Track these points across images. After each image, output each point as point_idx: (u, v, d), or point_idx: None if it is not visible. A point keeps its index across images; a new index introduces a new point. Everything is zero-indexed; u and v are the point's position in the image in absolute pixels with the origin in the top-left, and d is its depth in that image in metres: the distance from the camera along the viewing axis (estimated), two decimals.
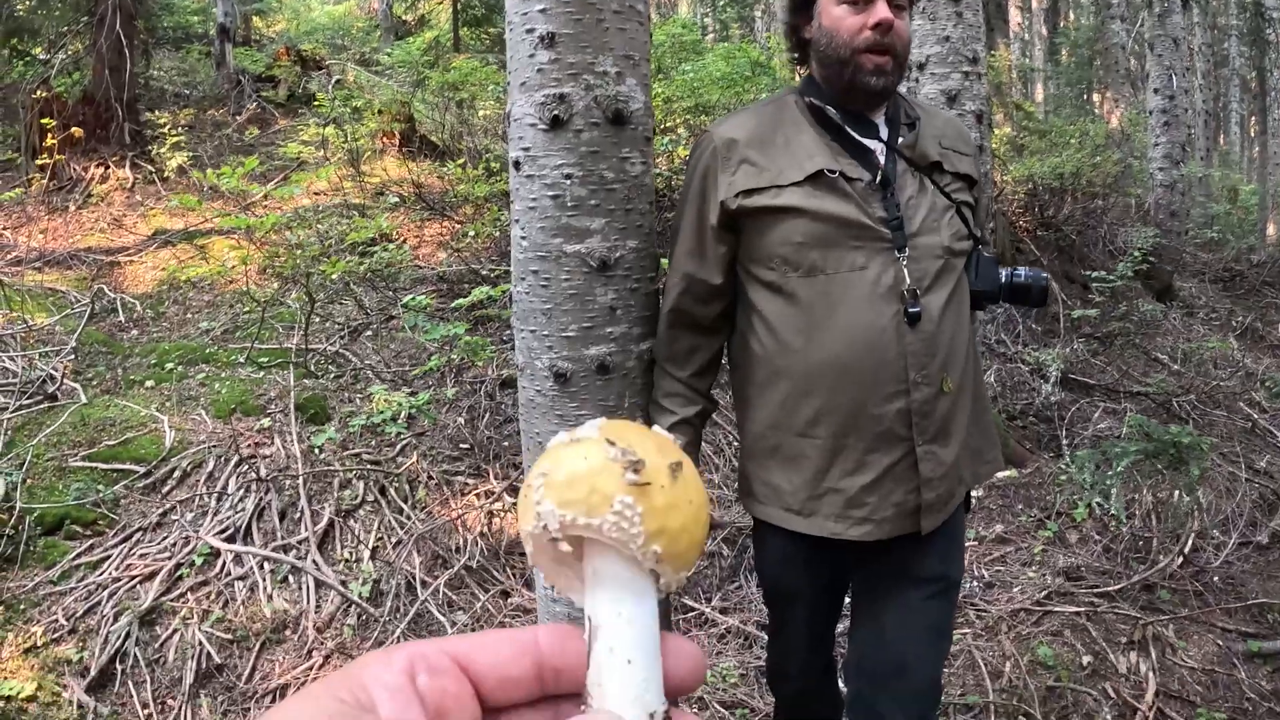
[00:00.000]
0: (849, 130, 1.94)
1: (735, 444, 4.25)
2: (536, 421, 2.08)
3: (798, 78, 2.11)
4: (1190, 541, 3.89)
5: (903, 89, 2.09)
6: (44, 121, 6.73)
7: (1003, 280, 2.10)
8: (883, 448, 1.89)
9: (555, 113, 1.93)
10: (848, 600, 2.33)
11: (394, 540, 3.71)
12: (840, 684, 2.57)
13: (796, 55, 2.10)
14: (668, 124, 6.01)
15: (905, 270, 1.87)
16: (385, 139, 7.35)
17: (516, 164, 2.02)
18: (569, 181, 1.95)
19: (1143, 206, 8.67)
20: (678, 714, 0.46)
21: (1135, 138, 10.72)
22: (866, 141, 1.94)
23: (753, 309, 1.98)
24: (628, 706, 0.44)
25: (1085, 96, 17.20)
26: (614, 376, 2.02)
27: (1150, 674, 3.18)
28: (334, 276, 4.90)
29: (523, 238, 2.01)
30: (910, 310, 1.85)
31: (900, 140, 1.96)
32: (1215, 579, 3.75)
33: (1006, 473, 4.63)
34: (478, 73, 7.08)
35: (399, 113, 7.09)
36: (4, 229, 6.69)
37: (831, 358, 1.87)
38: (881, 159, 1.93)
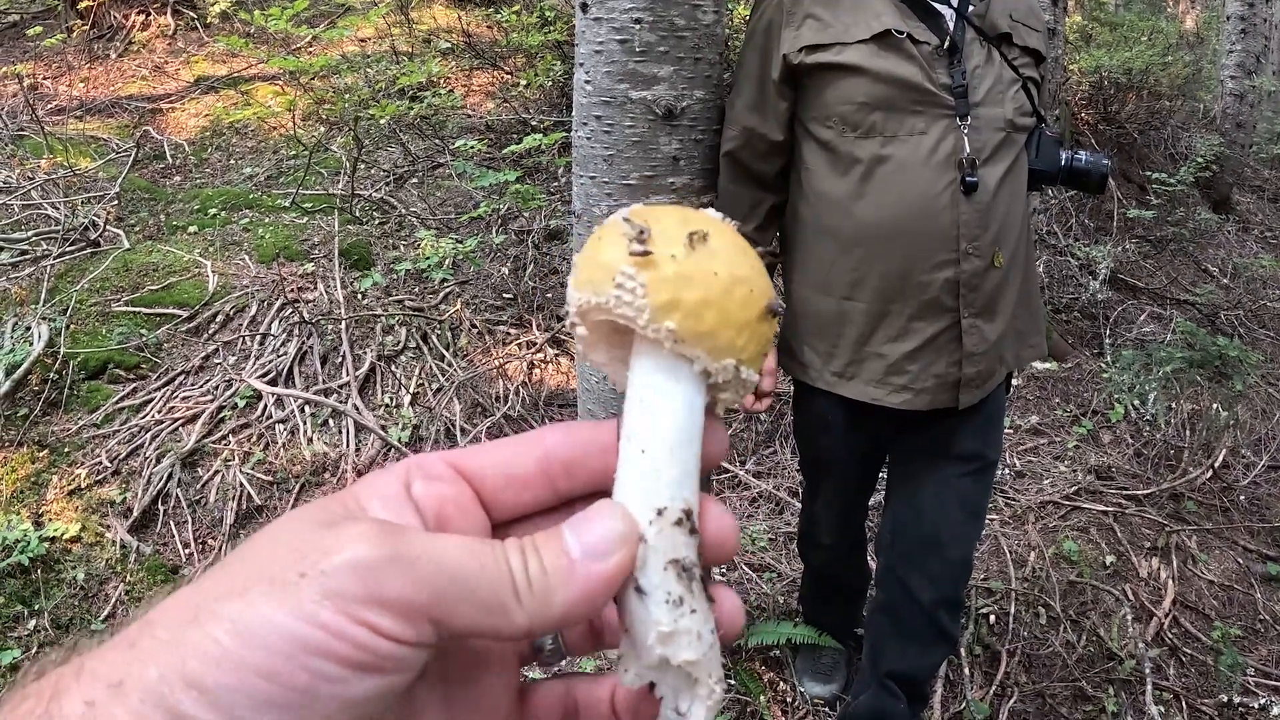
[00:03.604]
0: None
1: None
2: None
3: None
4: (1221, 457, 3.87)
5: None
6: None
7: (1063, 162, 2.04)
8: (928, 316, 1.88)
9: None
10: (882, 475, 2.35)
11: (435, 387, 3.72)
12: (869, 558, 2.61)
13: None
14: None
15: (965, 139, 1.83)
16: None
17: (584, 6, 1.94)
18: (638, 26, 1.88)
19: (1209, 114, 8.34)
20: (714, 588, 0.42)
21: (1208, 42, 10.22)
22: (937, 6, 1.87)
23: (805, 168, 1.94)
24: (634, 497, 0.40)
25: None
26: None
27: (1170, 581, 3.20)
28: (382, 122, 4.82)
29: (587, 82, 1.95)
30: (967, 180, 1.81)
31: (971, 8, 1.89)
32: (1242, 498, 3.75)
33: (1046, 364, 4.59)
34: None
35: None
36: (45, 78, 6.62)
37: (882, 220, 1.83)
38: (951, 25, 1.86)
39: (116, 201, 4.73)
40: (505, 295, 4.25)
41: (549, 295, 4.24)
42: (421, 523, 0.39)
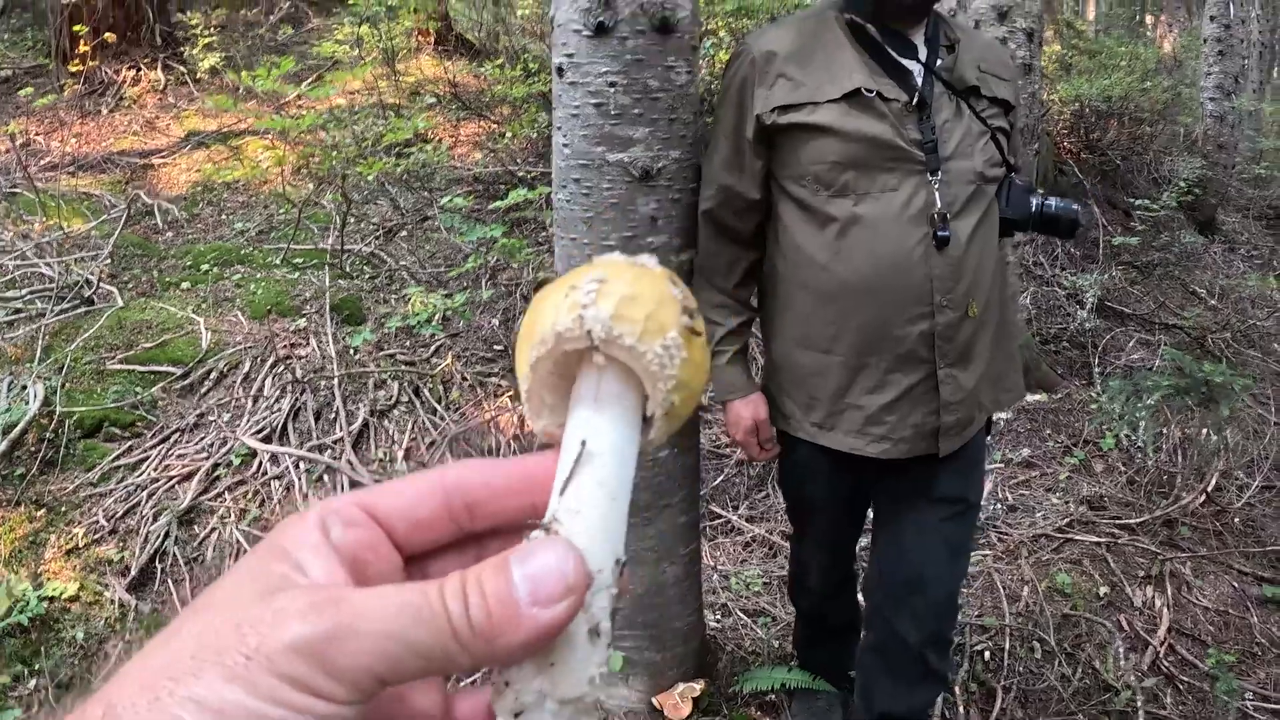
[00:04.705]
0: (888, 50, 1.91)
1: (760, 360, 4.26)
2: None
3: None
4: (1214, 481, 3.88)
5: (953, 2, 2.05)
6: (75, 29, 6.68)
7: (1033, 209, 2.08)
8: (904, 369, 1.91)
9: (600, 19, 1.90)
10: (869, 516, 2.38)
11: (427, 441, 3.73)
12: (860, 599, 2.63)
13: None
14: (709, 26, 5.74)
15: (937, 194, 1.86)
16: (421, 36, 7.24)
17: (560, 70, 1.99)
18: (613, 90, 1.93)
19: (1190, 136, 8.44)
20: None
21: (1187, 65, 10.38)
22: (905, 62, 1.91)
23: (781, 225, 1.98)
24: (599, 545, 0.41)
25: (1138, 18, 16.64)
26: None
27: (1165, 610, 3.20)
28: (370, 177, 4.87)
29: (565, 145, 2.00)
30: (939, 234, 1.85)
31: (939, 63, 1.93)
32: (1236, 520, 3.75)
33: (1036, 397, 4.62)
34: None
35: (435, 10, 6.98)
36: (37, 134, 6.67)
37: (857, 276, 1.87)
38: (919, 80, 1.90)
39: (110, 259, 4.76)
40: (496, 347, 4.28)
41: None
42: (345, 570, 0.40)
